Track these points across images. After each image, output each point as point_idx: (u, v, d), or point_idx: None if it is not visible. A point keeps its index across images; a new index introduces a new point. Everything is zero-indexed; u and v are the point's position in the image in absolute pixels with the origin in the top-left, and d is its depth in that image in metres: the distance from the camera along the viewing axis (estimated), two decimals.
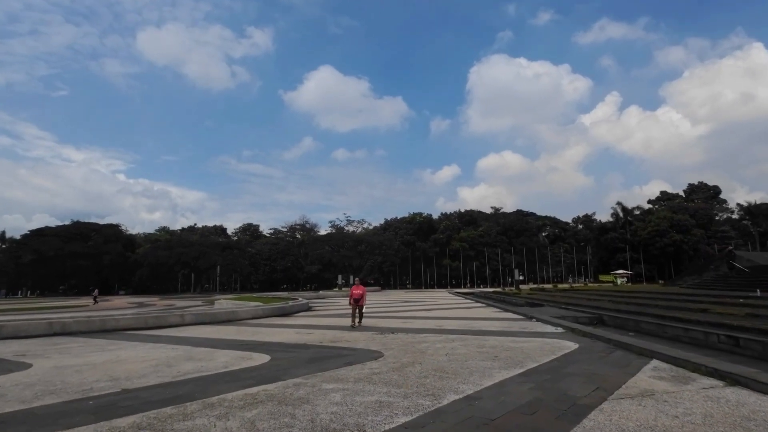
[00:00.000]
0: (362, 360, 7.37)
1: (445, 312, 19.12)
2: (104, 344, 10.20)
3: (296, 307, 21.13)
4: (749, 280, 22.69)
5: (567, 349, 8.05)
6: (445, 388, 5.29)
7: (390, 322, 14.38)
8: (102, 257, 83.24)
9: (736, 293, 18.93)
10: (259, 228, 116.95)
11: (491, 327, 12.22)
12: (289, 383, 5.74)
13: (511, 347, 8.36)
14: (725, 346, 8.97)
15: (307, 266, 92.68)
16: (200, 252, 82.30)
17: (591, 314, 15.64)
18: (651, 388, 5.06)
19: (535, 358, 7.12)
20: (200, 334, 12.15)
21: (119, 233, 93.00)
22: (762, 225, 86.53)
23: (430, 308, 22.08)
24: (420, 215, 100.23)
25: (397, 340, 9.77)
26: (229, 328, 13.53)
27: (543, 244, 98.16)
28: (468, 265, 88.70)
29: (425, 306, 24.25)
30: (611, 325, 14.05)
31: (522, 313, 16.67)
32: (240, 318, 16.85)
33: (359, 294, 13.02)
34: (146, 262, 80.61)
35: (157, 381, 6.10)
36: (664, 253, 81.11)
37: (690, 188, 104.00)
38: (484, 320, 14.54)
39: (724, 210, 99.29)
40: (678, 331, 10.64)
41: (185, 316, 15.29)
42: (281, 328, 13.30)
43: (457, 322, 14.08)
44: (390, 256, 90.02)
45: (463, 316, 16.43)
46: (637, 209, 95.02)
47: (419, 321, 14.69)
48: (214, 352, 8.69)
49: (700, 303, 16.54)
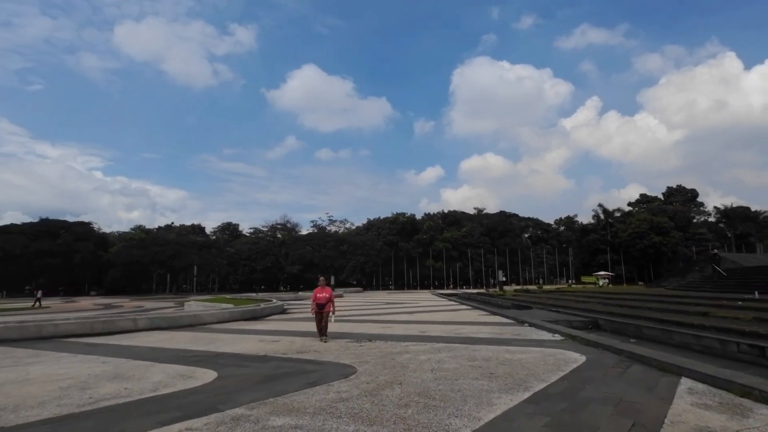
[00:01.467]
0: (329, 378, 5.99)
1: (429, 315, 17.85)
2: (23, 356, 8.55)
3: (268, 309, 19.55)
4: (738, 281, 22.10)
5: (573, 362, 6.82)
6: (433, 424, 3.95)
7: (368, 327, 13.00)
8: (72, 256, 79.59)
9: (729, 295, 18.17)
10: (238, 227, 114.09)
11: (481, 333, 10.96)
12: (227, 416, 4.32)
13: (507, 360, 7.08)
14: (747, 356, 7.89)
15: (288, 266, 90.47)
16: (176, 251, 79.31)
17: (585, 318, 14.56)
18: (705, 425, 3.81)
19: (540, 376, 5.85)
20: (148, 342, 10.56)
21: (90, 231, 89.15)
22: (738, 228, 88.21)
23: (413, 311, 20.78)
24: (403, 215, 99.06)
25: (375, 350, 8.41)
26: (186, 335, 11.95)
27: (526, 245, 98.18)
28: (451, 266, 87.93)
29: (408, 308, 22.95)
30: (608, 330, 12.98)
31: (511, 316, 15.50)
32: (204, 322, 15.24)
33: (324, 298, 10.17)
34: (119, 262, 77.23)
35: (53, 413, 4.60)
36: (644, 254, 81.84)
37: (669, 191, 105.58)
38: (471, 325, 13.29)
39: (702, 213, 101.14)
40: (687, 338, 9.56)
41: (138, 321, 13.61)
42: (246, 335, 11.79)
43: (442, 327, 12.79)
44: (372, 256, 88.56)
45: (449, 320, 15.17)
46: (618, 211, 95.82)
47: (401, 326, 13.35)
48: (152, 367, 7.18)
49: (696, 306, 15.66)
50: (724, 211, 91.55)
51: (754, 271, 24.01)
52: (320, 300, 10.20)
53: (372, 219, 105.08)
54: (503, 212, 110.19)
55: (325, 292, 10.25)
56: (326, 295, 10.20)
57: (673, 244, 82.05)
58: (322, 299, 10.18)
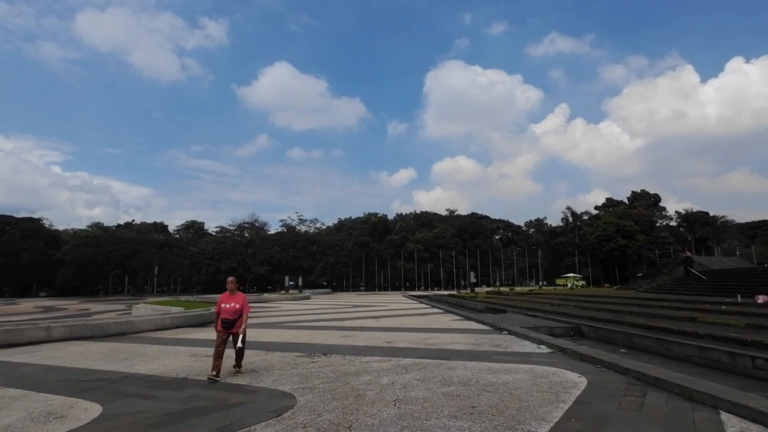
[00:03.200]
0: (254, 419, 4.33)
1: (398, 320, 16.33)
2: None
3: None
4: (713, 284, 21.70)
5: (573, 387, 5.42)
6: None
7: (327, 336, 11.34)
8: (20, 255, 73.82)
9: (708, 299, 17.52)
10: (204, 226, 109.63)
11: (455, 344, 9.50)
12: None
13: (491, 385, 5.61)
14: (763, 373, 6.76)
15: (255, 267, 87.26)
16: (134, 250, 74.72)
17: (566, 324, 13.41)
18: None
19: (538, 411, 4.39)
20: (49, 358, 8.54)
21: (40, 228, 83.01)
22: (697, 232, 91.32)
23: (381, 315, 19.22)
24: (375, 215, 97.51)
25: (328, 369, 6.79)
26: (105, 348, 9.94)
27: (496, 247, 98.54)
28: (422, 267, 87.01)
29: (375, 312, 21.37)
30: (593, 338, 11.83)
31: (486, 322, 14.18)
32: (137, 330, 13.17)
33: (234, 311, 6.52)
34: (69, 261, 72.04)
35: None
36: (610, 257, 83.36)
37: (633, 195, 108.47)
38: (444, 332, 11.85)
39: (664, 217, 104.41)
40: (688, 350, 8.40)
41: (53, 330, 11.44)
42: (179, 347, 9.90)
43: (411, 335, 11.28)
44: (343, 257, 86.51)
45: (419, 327, 13.69)
46: (586, 214, 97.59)
47: (365, 334, 11.76)
48: (19, 399, 5.30)
49: (679, 310, 14.82)
50: (685, 215, 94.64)
51: (727, 274, 23.77)
52: (227, 314, 6.49)
53: (343, 219, 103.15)
54: (475, 214, 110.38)
55: (234, 301, 6.57)
56: (236, 306, 6.53)
57: (638, 247, 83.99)
58: (230, 312, 6.48)
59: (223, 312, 6.54)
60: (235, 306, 6.55)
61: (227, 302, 6.58)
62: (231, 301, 6.58)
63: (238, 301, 6.59)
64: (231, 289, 6.65)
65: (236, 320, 6.52)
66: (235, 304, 6.56)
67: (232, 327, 6.50)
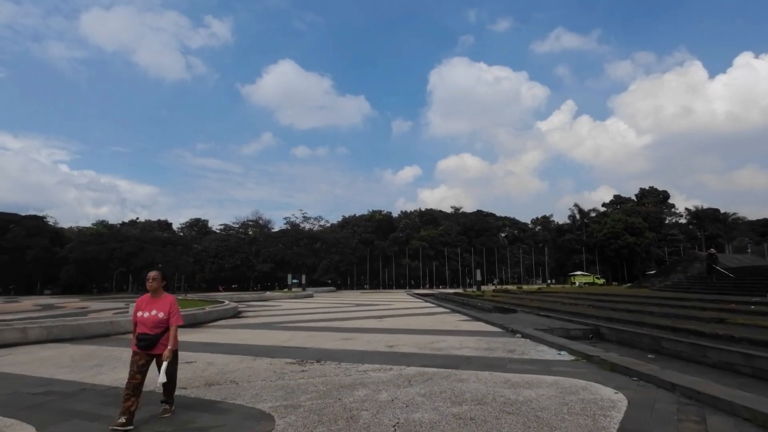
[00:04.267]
0: None
1: (402, 321, 15.41)
2: None
3: (215, 313, 16.71)
4: (734, 282, 20.57)
5: (611, 406, 4.46)
6: None
7: (324, 339, 10.43)
8: (24, 252, 73.72)
9: (731, 298, 16.42)
10: (207, 224, 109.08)
11: (465, 348, 8.56)
12: None
13: (511, 403, 4.67)
14: None
15: (259, 264, 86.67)
16: (137, 248, 74.32)
17: (583, 325, 12.43)
18: None
19: None
20: (8, 364, 7.66)
21: (44, 226, 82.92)
22: (708, 229, 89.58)
23: (384, 315, 18.30)
24: (379, 213, 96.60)
25: (318, 381, 5.87)
26: (80, 351, 9.10)
27: (502, 244, 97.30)
28: (427, 265, 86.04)
29: (378, 311, 20.46)
30: (614, 341, 10.85)
31: (496, 323, 13.23)
32: (123, 331, 12.31)
33: (155, 322, 4.39)
34: (73, 259, 71.79)
35: None
36: (618, 254, 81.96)
37: (641, 192, 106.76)
38: (451, 335, 10.90)
39: (673, 214, 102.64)
40: (730, 357, 7.39)
41: (29, 331, 10.60)
42: None
43: (416, 338, 10.34)
44: (347, 254, 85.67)
45: (424, 328, 12.75)
46: (593, 212, 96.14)
47: (366, 336, 10.84)
48: None
49: (704, 310, 13.80)
50: (695, 212, 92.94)
51: (747, 272, 22.62)
52: (145, 326, 4.36)
53: (347, 216, 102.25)
54: (480, 211, 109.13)
55: (157, 308, 4.45)
56: (159, 315, 4.41)
57: (647, 245, 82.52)
58: (150, 324, 4.36)
59: (140, 324, 4.36)
60: (158, 315, 4.37)
61: (146, 309, 4.41)
62: (152, 308, 4.41)
63: (162, 308, 4.42)
64: (153, 290, 4.51)
65: (159, 336, 4.34)
66: (158, 312, 4.39)
67: (152, 346, 4.32)
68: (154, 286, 4.52)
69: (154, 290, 4.52)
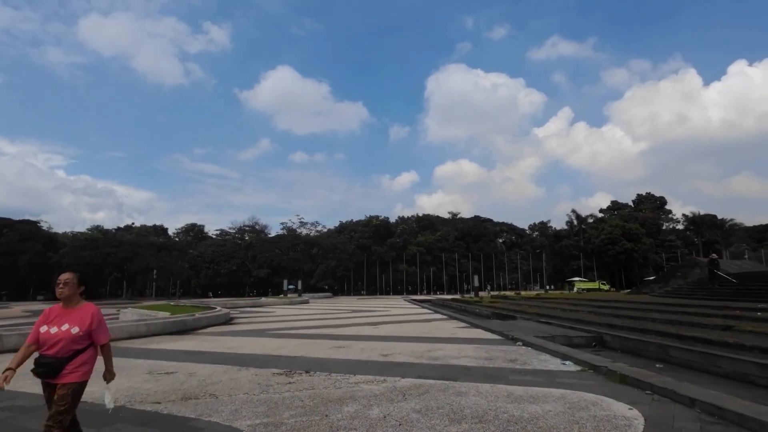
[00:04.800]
0: None
1: (398, 328, 14.93)
2: None
3: (205, 320, 16.19)
4: (736, 288, 20.22)
5: (627, 425, 4.03)
6: None
7: (316, 347, 9.95)
8: (17, 257, 72.91)
9: (734, 304, 16.04)
10: (203, 229, 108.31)
11: (463, 357, 8.10)
12: None
13: (516, 420, 4.23)
14: None
15: (255, 270, 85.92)
16: (131, 253, 73.51)
17: (585, 332, 12.02)
18: None
19: None
20: None
21: (37, 230, 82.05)
22: (705, 235, 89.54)
23: (379, 321, 17.81)
24: (377, 218, 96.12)
25: (304, 395, 5.41)
26: None
27: (500, 250, 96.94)
28: (425, 271, 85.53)
29: (374, 318, 19.96)
30: (618, 349, 10.43)
31: (495, 330, 12.78)
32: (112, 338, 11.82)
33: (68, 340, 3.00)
34: (66, 264, 70.90)
35: None
36: (616, 260, 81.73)
37: (638, 198, 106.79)
38: (449, 343, 10.45)
39: (670, 220, 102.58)
40: (744, 367, 6.98)
41: (5, 339, 10.07)
42: (140, 360, 8.52)
43: (412, 346, 9.88)
44: (344, 260, 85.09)
45: (421, 336, 12.29)
46: (591, 217, 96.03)
47: (359, 344, 10.37)
48: None
49: (707, 317, 13.41)
50: (692, 218, 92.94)
51: (750, 277, 22.28)
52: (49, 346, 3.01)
53: (345, 222, 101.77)
54: (478, 217, 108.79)
55: (72, 320, 3.08)
56: (73, 330, 3.04)
57: (644, 251, 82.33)
58: (55, 343, 3.01)
59: (42, 341, 3.03)
60: (70, 331, 3.03)
61: (55, 323, 3.07)
62: (63, 321, 3.08)
63: (79, 321, 3.08)
64: (65, 298, 3.16)
65: (68, 360, 3.00)
66: (72, 326, 3.05)
67: (54, 374, 2.99)
68: (65, 293, 3.14)
69: (66, 298, 3.15)
